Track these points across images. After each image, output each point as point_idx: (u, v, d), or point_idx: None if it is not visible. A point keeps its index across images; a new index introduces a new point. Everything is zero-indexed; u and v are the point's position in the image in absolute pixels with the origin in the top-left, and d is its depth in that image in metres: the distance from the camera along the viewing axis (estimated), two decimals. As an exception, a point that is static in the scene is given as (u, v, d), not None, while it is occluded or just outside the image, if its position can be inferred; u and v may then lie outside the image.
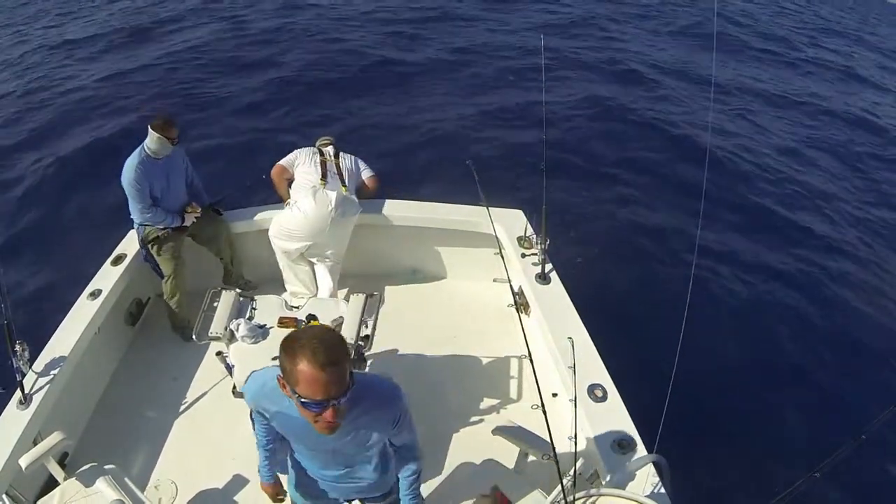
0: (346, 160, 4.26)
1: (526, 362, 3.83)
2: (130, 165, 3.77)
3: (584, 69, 10.43)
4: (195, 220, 4.11)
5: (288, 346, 1.57)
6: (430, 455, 3.36)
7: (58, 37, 12.17)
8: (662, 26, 12.69)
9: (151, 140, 3.77)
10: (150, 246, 4.00)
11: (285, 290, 4.40)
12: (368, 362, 3.44)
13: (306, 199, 3.96)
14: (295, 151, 4.25)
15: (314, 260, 4.26)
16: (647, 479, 2.56)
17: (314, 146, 4.31)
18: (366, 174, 4.30)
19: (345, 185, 4.11)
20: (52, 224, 6.55)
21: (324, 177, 4.08)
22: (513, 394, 3.71)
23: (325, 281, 4.26)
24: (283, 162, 4.21)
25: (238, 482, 3.25)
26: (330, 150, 4.28)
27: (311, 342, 1.53)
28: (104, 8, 13.83)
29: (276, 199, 4.33)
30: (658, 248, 6.12)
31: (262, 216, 4.40)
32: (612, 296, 5.24)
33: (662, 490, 2.51)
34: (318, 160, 4.15)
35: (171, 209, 4.00)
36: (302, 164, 4.16)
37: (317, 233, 4.03)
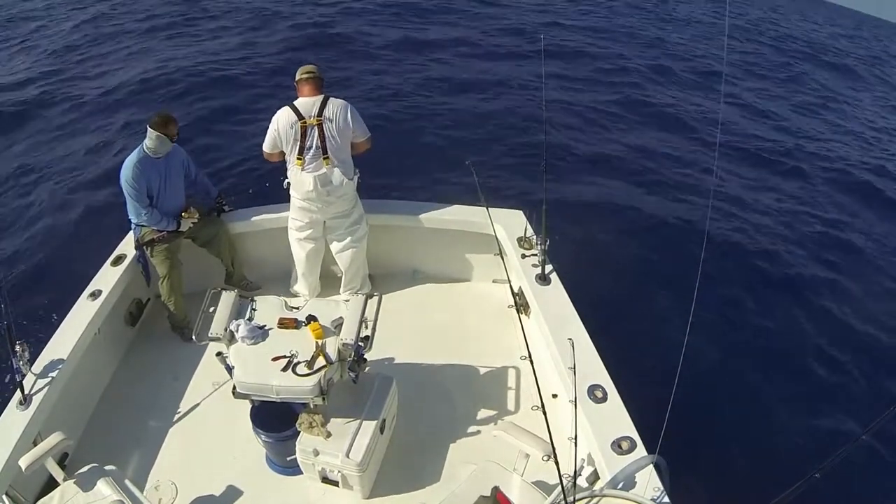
0: (334, 111, 3.77)
1: (526, 363, 3.83)
2: (129, 164, 3.78)
3: (586, 67, 10.42)
4: (192, 224, 4.10)
5: None
6: (430, 456, 3.37)
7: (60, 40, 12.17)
8: (670, 21, 12.63)
9: (150, 139, 3.77)
10: (144, 247, 4.00)
11: (286, 290, 4.40)
12: (368, 363, 3.44)
13: (292, 186, 3.97)
14: (273, 122, 3.83)
15: (334, 243, 4.22)
16: (646, 479, 2.56)
17: (295, 81, 3.87)
18: (360, 134, 3.92)
19: (326, 157, 3.81)
20: (53, 224, 6.54)
21: (301, 153, 3.79)
22: (513, 394, 3.71)
23: (345, 264, 4.25)
24: (266, 147, 3.92)
25: (238, 483, 3.25)
26: (314, 102, 3.77)
27: None
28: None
29: (276, 198, 4.33)
30: (660, 248, 6.11)
31: (261, 216, 4.40)
32: (613, 297, 5.24)
33: (662, 491, 2.51)
34: (298, 129, 3.75)
35: (169, 209, 3.99)
36: (285, 140, 3.82)
37: (313, 213, 4.03)
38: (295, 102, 3.82)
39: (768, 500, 2.01)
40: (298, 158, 3.83)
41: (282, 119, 3.81)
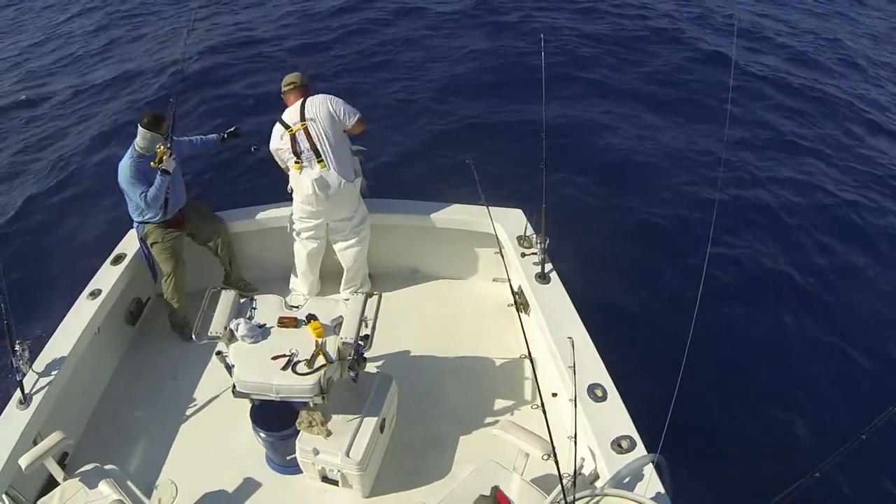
0: (314, 110, 3.79)
1: (526, 362, 3.83)
2: (125, 165, 3.82)
3: (587, 66, 10.39)
4: (174, 160, 3.89)
5: None
6: (429, 455, 3.37)
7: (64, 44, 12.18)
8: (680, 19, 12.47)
9: (143, 138, 3.80)
10: (149, 244, 4.01)
11: (286, 290, 4.41)
12: (368, 362, 3.44)
13: (294, 189, 4.01)
14: (272, 135, 3.93)
15: (338, 243, 4.24)
16: (646, 478, 2.56)
17: (281, 94, 3.98)
18: (348, 119, 3.86)
19: (320, 160, 3.81)
20: (53, 224, 6.55)
21: (297, 157, 3.83)
22: (513, 394, 3.71)
23: (347, 263, 4.27)
24: (280, 164, 4.06)
25: (238, 482, 3.26)
26: (296, 109, 3.82)
27: None
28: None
29: (276, 197, 4.33)
30: (660, 248, 6.10)
31: (261, 216, 4.40)
32: (613, 296, 5.23)
33: (662, 490, 2.51)
34: (287, 139, 3.82)
35: (171, 201, 3.97)
36: (282, 151, 3.91)
37: (313, 215, 4.05)
38: (283, 115, 3.91)
39: (768, 499, 2.01)
40: (296, 163, 3.87)
41: (274, 135, 3.92)
